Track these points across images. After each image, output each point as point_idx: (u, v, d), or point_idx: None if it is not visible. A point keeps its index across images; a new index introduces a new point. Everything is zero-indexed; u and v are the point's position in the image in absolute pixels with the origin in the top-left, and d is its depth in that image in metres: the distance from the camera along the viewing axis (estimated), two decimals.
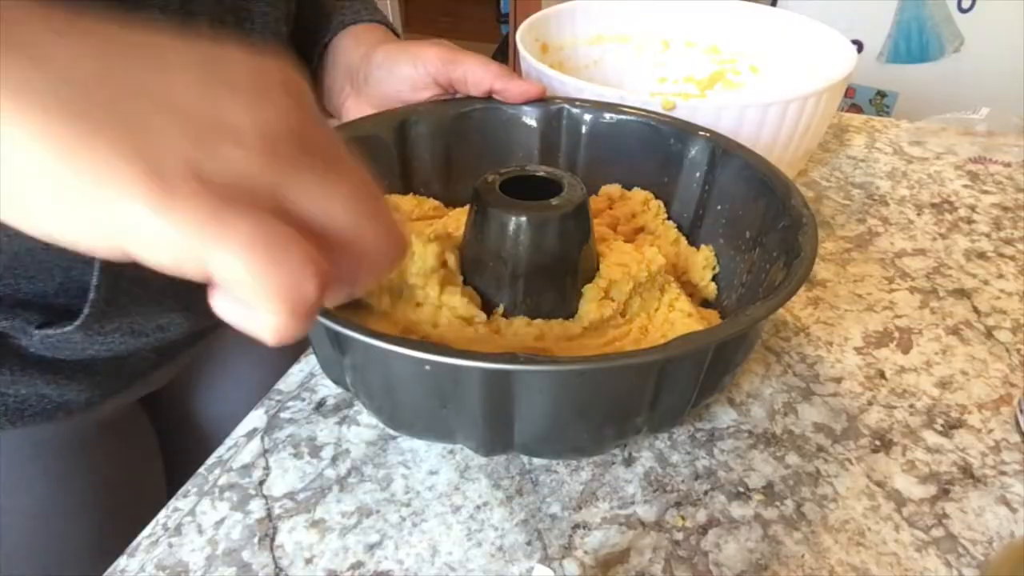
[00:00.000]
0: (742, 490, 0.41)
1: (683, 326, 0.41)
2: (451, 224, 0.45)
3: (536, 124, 0.51)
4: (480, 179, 0.41)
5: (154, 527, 0.38)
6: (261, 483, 0.41)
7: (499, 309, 0.41)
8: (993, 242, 0.63)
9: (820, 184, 0.71)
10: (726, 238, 0.48)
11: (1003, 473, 0.42)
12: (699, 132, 0.48)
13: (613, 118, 0.50)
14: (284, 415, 0.45)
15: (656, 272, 0.42)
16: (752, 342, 0.41)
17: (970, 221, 0.66)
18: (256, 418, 0.45)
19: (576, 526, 0.39)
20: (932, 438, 0.44)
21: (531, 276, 0.40)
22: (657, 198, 0.50)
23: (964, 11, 1.51)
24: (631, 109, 0.50)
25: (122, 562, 0.37)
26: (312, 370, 0.48)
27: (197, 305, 0.47)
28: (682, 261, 0.48)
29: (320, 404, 0.45)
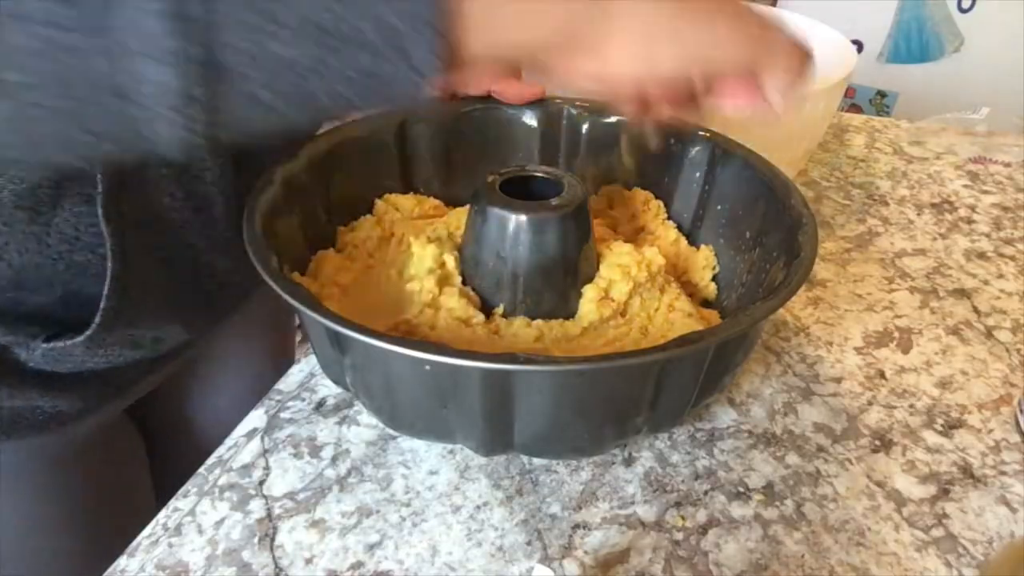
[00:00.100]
0: (742, 490, 0.41)
1: (683, 326, 0.41)
2: (451, 224, 0.45)
3: (536, 124, 0.51)
4: (480, 179, 0.41)
5: (154, 527, 0.38)
6: (261, 483, 0.41)
7: (499, 309, 0.41)
8: (993, 242, 0.63)
9: (820, 184, 0.71)
10: (726, 238, 0.48)
11: (1003, 473, 0.42)
12: (699, 132, 0.48)
13: (613, 118, 0.50)
14: (284, 415, 0.45)
15: (656, 272, 0.42)
16: (752, 342, 0.41)
17: (970, 221, 0.66)
18: (256, 418, 0.44)
19: (576, 526, 0.39)
20: (932, 438, 0.44)
21: (531, 276, 0.40)
22: (657, 198, 0.50)
23: (964, 11, 1.51)
24: None
25: (122, 562, 0.37)
26: (312, 370, 0.48)
27: (194, 315, 0.47)
28: (682, 261, 0.48)
29: (320, 404, 0.45)
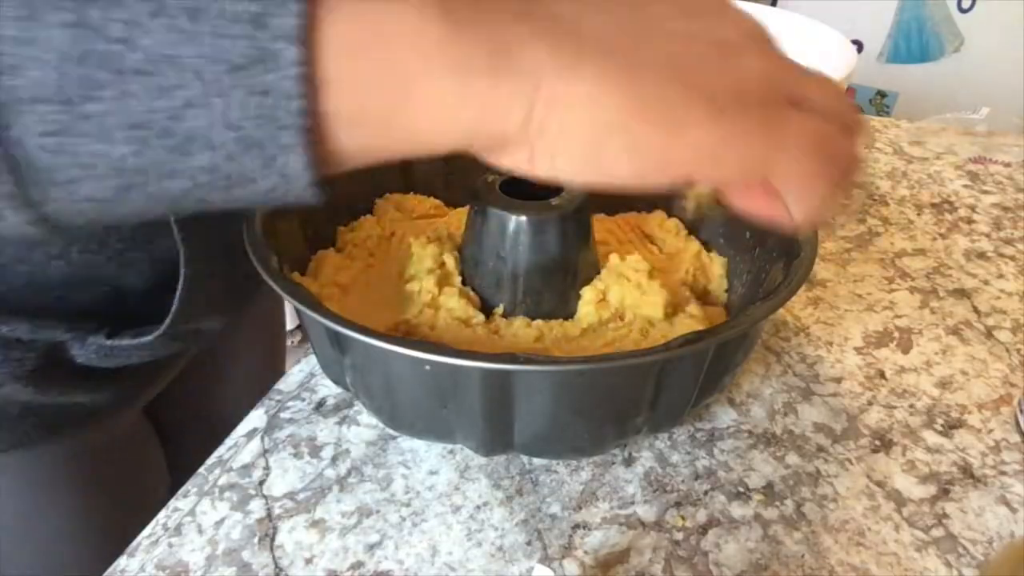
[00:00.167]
0: (742, 490, 0.41)
1: (683, 326, 0.41)
2: (452, 224, 0.45)
3: None
4: (480, 179, 0.41)
5: (154, 527, 0.38)
6: (261, 483, 0.41)
7: (499, 309, 0.41)
8: (993, 242, 0.63)
9: None
10: (726, 238, 0.48)
11: (1003, 473, 0.42)
12: None
13: None
14: (284, 415, 0.45)
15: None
16: (752, 342, 0.41)
17: (970, 221, 0.66)
18: (256, 418, 0.44)
19: (576, 526, 0.39)
20: (932, 438, 0.44)
21: (530, 276, 0.40)
22: (658, 199, 0.50)
23: (964, 11, 1.51)
24: None
25: (122, 562, 0.37)
26: (312, 370, 0.48)
27: (229, 305, 0.47)
28: (703, 273, 0.47)
29: (320, 404, 0.45)
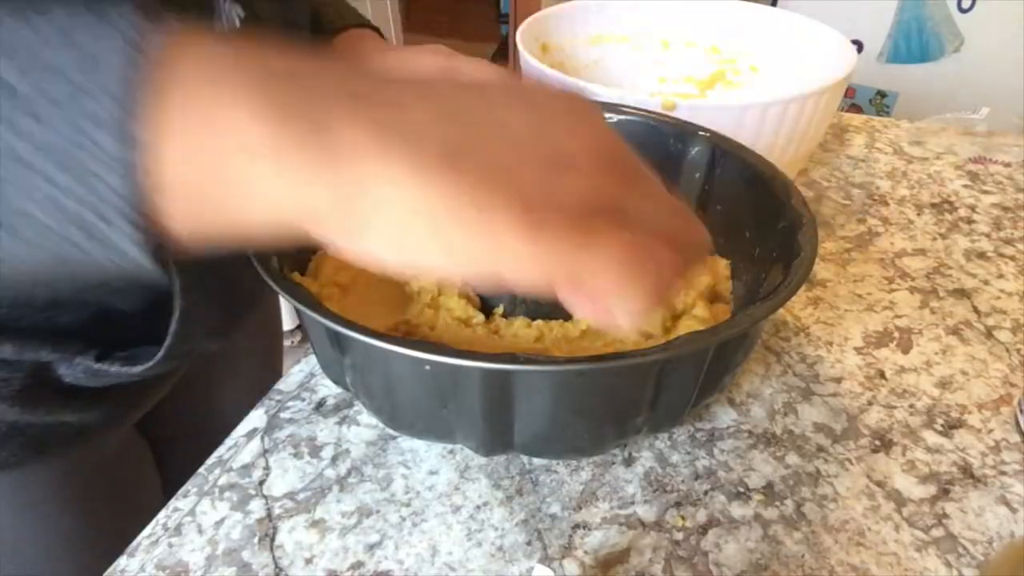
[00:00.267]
0: (742, 490, 0.41)
1: (683, 326, 0.41)
2: None
3: None
4: None
5: (154, 527, 0.38)
6: (261, 483, 0.41)
7: (499, 309, 0.41)
8: (993, 242, 0.63)
9: (820, 184, 0.71)
10: (726, 238, 0.48)
11: (1003, 473, 0.42)
12: (699, 132, 0.48)
13: (613, 118, 0.50)
14: (284, 415, 0.45)
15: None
16: (752, 342, 0.41)
17: (970, 221, 0.66)
18: (256, 418, 0.44)
19: (576, 526, 0.39)
20: (932, 438, 0.44)
21: None
22: None
23: (964, 11, 1.51)
24: (631, 109, 0.50)
25: (122, 562, 0.37)
26: (312, 370, 0.48)
27: (224, 326, 0.47)
28: (710, 273, 0.47)
29: (320, 404, 0.45)
